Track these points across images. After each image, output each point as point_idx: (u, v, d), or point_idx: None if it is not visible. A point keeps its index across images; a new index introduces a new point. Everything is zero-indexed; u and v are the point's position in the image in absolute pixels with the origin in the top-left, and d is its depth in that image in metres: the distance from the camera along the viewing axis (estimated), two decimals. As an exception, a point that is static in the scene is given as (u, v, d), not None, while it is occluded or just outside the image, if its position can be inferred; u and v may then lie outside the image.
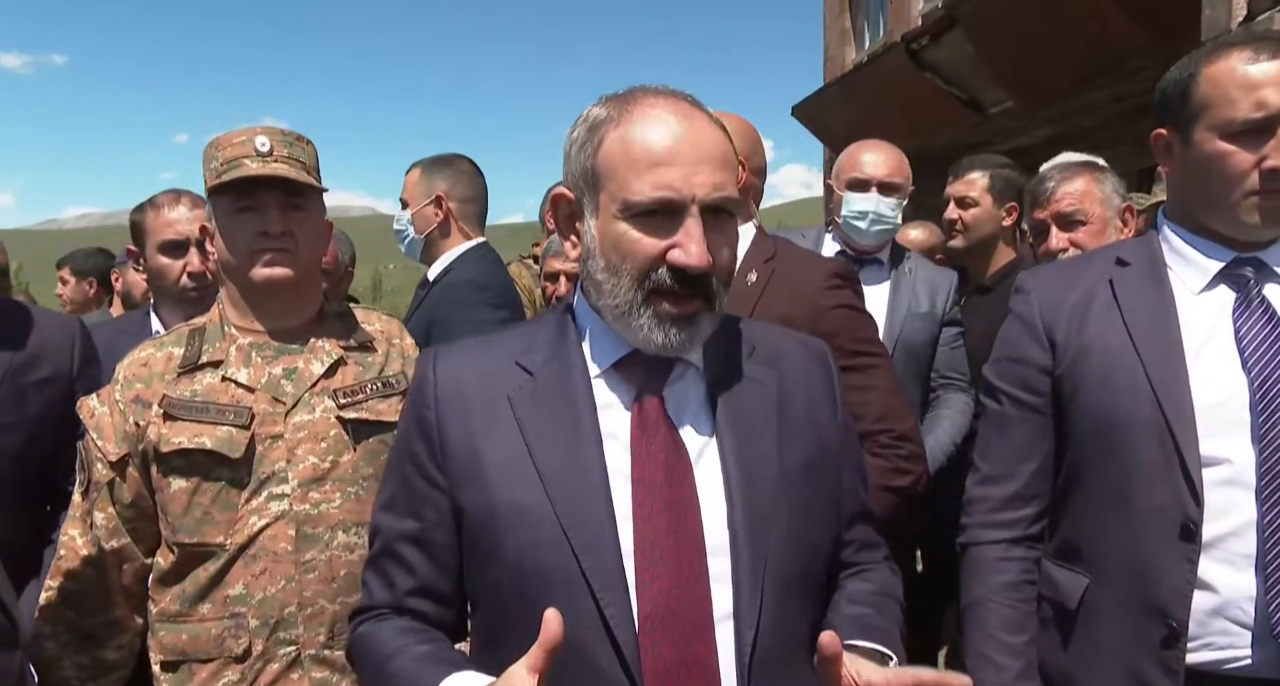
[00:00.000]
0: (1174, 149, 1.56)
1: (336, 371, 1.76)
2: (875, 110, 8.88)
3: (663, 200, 1.13)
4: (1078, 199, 2.53)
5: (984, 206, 3.19)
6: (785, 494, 1.19)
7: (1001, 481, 1.62)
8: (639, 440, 1.18)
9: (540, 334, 1.28)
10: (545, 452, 1.17)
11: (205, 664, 1.66)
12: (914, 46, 7.62)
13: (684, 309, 1.16)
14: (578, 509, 1.15)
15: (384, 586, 1.27)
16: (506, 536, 1.17)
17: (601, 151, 1.18)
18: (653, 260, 1.14)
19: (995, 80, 6.87)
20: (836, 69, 11.37)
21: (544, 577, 1.14)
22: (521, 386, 1.22)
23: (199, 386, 1.70)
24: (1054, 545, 1.60)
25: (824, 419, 1.30)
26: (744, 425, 1.21)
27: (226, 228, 1.73)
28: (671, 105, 1.18)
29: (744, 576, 1.14)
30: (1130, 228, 2.55)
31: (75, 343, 2.06)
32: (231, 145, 1.72)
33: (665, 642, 1.11)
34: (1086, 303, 1.56)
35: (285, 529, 1.67)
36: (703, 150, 1.15)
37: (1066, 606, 1.53)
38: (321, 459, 1.70)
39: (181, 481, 1.67)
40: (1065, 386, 1.55)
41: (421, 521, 1.24)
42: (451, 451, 1.22)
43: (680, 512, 1.15)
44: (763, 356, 1.29)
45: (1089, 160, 2.77)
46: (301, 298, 1.80)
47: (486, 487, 1.19)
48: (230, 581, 1.66)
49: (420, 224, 2.77)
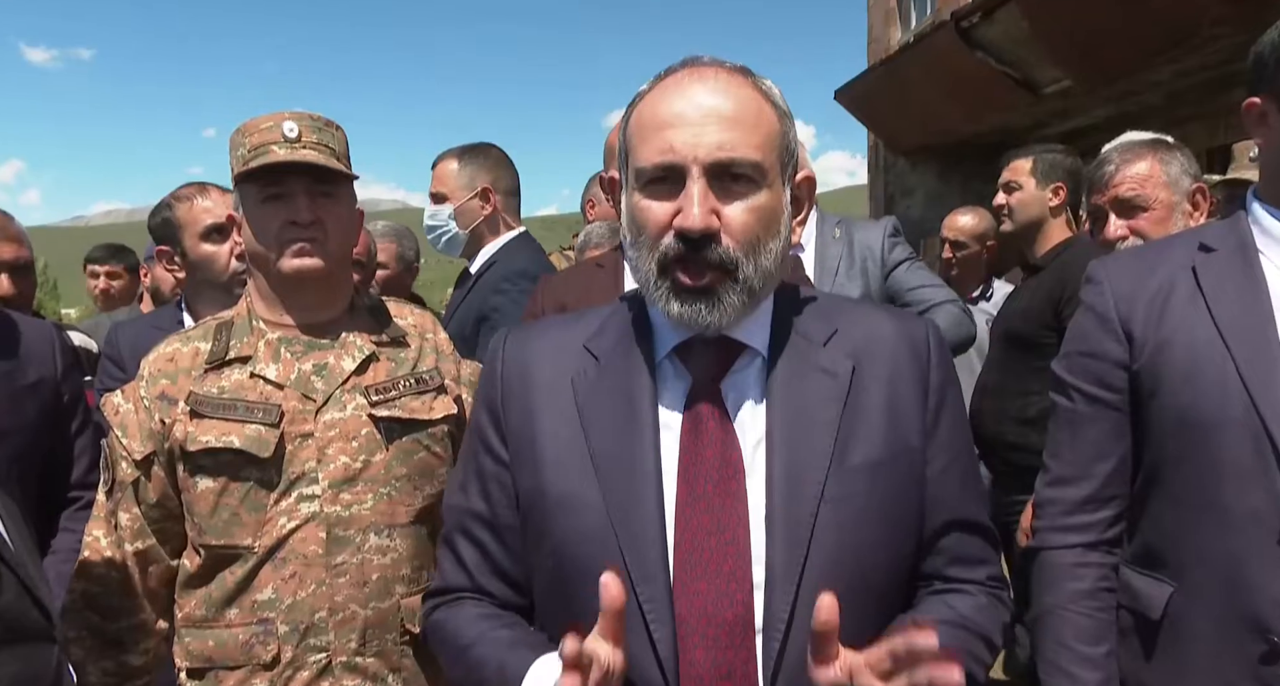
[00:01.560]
0: (1270, 119, 1.43)
1: (368, 367, 1.70)
2: (923, 93, 8.68)
3: (663, 165, 1.09)
4: (1139, 183, 2.39)
5: (1028, 189, 3.24)
6: (838, 498, 1.11)
7: (1075, 483, 1.52)
8: (689, 434, 1.14)
9: (614, 317, 1.25)
10: (600, 440, 1.15)
11: (232, 671, 1.61)
12: (964, 24, 7.40)
13: (697, 280, 1.10)
14: (625, 502, 1.11)
15: (456, 567, 1.26)
16: (553, 522, 1.15)
17: (629, 126, 1.16)
18: (661, 228, 1.10)
19: (1052, 57, 6.63)
20: (881, 50, 11.13)
21: (586, 569, 1.10)
22: (585, 371, 1.20)
23: (226, 383, 1.65)
24: (1133, 550, 1.50)
25: (907, 413, 1.18)
26: (800, 422, 1.14)
27: (253, 217, 1.67)
28: (696, 71, 1.13)
29: (777, 584, 1.08)
30: (1202, 212, 2.40)
31: (55, 346, 2.08)
32: (258, 131, 1.66)
33: (699, 648, 1.07)
34: (1166, 292, 1.45)
35: (316, 531, 1.61)
36: (708, 110, 1.09)
37: (1148, 616, 1.43)
38: (353, 458, 1.64)
39: (208, 481, 1.62)
40: (1144, 382, 1.45)
41: (490, 500, 1.23)
42: (512, 431, 1.22)
43: (724, 513, 1.10)
44: (843, 342, 1.20)
45: (1156, 138, 2.61)
46: (332, 290, 1.73)
47: (539, 471, 1.17)
48: (259, 585, 1.61)
49: (465, 218, 2.69)
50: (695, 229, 1.07)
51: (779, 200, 1.14)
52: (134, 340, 2.23)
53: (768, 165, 1.11)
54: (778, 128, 1.14)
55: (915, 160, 10.69)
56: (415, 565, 1.68)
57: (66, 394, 2.07)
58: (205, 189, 2.40)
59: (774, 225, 1.13)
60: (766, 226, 1.12)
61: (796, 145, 1.18)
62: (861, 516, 1.12)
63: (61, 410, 2.00)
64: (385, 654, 1.64)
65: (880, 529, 1.14)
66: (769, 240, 1.12)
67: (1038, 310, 2.95)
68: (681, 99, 1.10)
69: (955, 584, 1.22)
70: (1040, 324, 2.93)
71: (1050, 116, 7.84)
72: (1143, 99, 6.92)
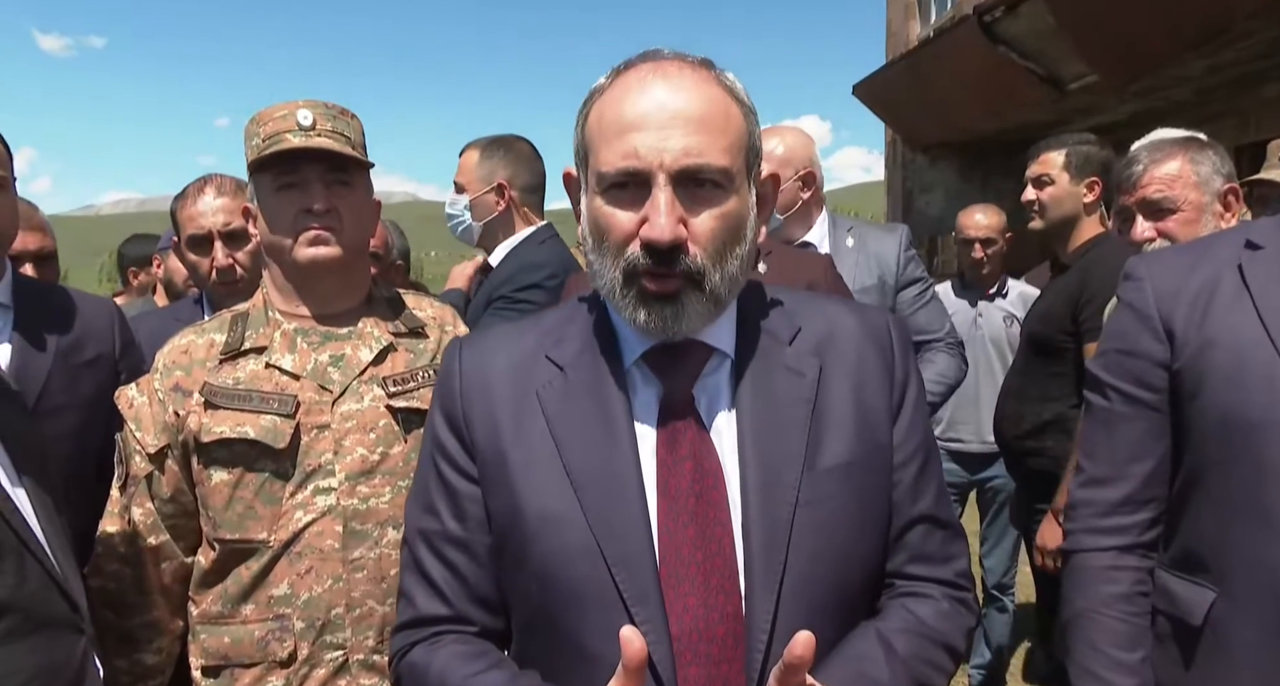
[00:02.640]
0: None
1: (386, 358, 1.67)
2: (943, 88, 8.60)
3: (627, 171, 1.03)
4: (1167, 184, 2.31)
5: (1061, 184, 3.08)
6: (812, 501, 1.08)
7: (1110, 484, 1.47)
8: (665, 446, 1.09)
9: (573, 323, 1.19)
10: (576, 454, 1.09)
11: (248, 669, 1.58)
12: (987, 18, 7.32)
13: (662, 287, 1.05)
14: (611, 517, 1.06)
15: (431, 595, 1.17)
16: (533, 544, 1.09)
17: (587, 124, 1.10)
18: (626, 236, 1.05)
19: (1078, 52, 6.54)
20: (900, 45, 11.05)
21: (574, 590, 1.06)
22: (551, 382, 1.14)
23: (241, 374, 1.62)
24: (1171, 554, 1.45)
25: (875, 408, 1.15)
26: (770, 425, 1.10)
27: (268, 206, 1.64)
28: (658, 67, 1.07)
29: (756, 592, 1.04)
30: (1234, 213, 2.32)
31: (115, 323, 2.09)
32: (273, 120, 1.63)
33: (692, 665, 1.03)
34: (1211, 290, 1.40)
35: (332, 525, 1.58)
36: (674, 112, 1.03)
37: (1188, 622, 1.38)
38: (370, 451, 1.61)
39: (223, 473, 1.59)
40: (1186, 382, 1.40)
41: (464, 521, 1.16)
42: (478, 449, 1.15)
43: (707, 525, 1.06)
44: (808, 340, 1.16)
45: (1188, 136, 2.53)
46: (348, 280, 1.71)
47: (513, 490, 1.11)
48: (274, 581, 1.58)
49: (479, 211, 2.68)
50: (664, 242, 1.02)
51: (745, 204, 1.10)
52: (154, 332, 2.22)
53: (735, 170, 1.07)
54: (744, 127, 1.09)
55: (935, 156, 10.61)
56: (433, 561, 1.66)
57: (125, 371, 2.07)
58: (203, 190, 2.35)
59: (740, 231, 1.09)
60: (734, 233, 1.08)
61: (760, 143, 1.13)
62: (837, 518, 1.09)
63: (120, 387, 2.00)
64: (403, 652, 1.62)
65: (855, 530, 1.11)
66: (735, 246, 1.08)
67: (1057, 313, 2.89)
68: (645, 98, 1.04)
69: (917, 582, 1.17)
70: (1058, 328, 2.87)
71: (1074, 113, 7.75)
72: (1171, 94, 6.82)
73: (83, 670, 1.27)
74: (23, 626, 1.19)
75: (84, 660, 1.28)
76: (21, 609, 1.19)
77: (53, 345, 1.94)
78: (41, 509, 1.32)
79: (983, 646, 4.04)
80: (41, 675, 1.20)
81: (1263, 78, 6.29)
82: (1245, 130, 7.03)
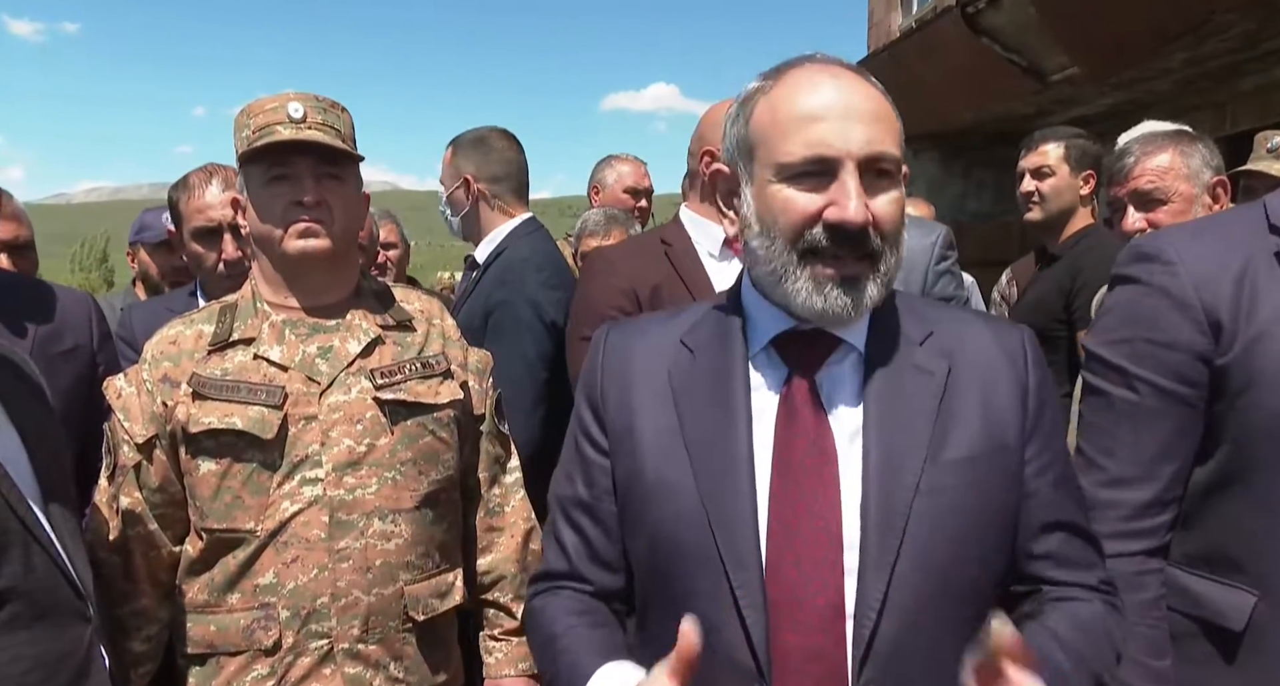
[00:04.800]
0: None
1: (374, 350, 1.68)
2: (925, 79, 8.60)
3: (815, 158, 1.10)
4: (1158, 175, 2.34)
5: (1061, 175, 3.14)
6: (933, 491, 1.12)
7: (1138, 484, 1.39)
8: (784, 422, 1.16)
9: (709, 313, 1.28)
10: (695, 428, 1.17)
11: (234, 657, 1.60)
12: (969, 9, 7.32)
13: (845, 270, 1.12)
14: (720, 485, 1.14)
15: (559, 554, 1.29)
16: (649, 508, 1.18)
17: (753, 119, 1.17)
18: (808, 218, 1.11)
19: (1060, 44, 6.54)
20: (882, 36, 11.05)
21: (681, 552, 1.14)
22: (681, 362, 1.23)
23: (229, 365, 1.63)
24: (1191, 553, 1.38)
25: (1004, 414, 1.18)
26: (896, 415, 1.15)
27: (258, 198, 1.65)
28: (820, 66, 1.16)
29: (869, 570, 1.09)
30: (1222, 204, 2.36)
31: (92, 315, 2.10)
32: (264, 112, 1.63)
33: (789, 632, 1.08)
34: (1254, 280, 1.32)
35: (319, 515, 1.59)
36: (854, 105, 1.12)
37: (1221, 625, 1.34)
38: (357, 442, 1.62)
39: (210, 464, 1.60)
40: (1232, 378, 1.32)
41: (592, 488, 1.26)
42: (610, 420, 1.25)
43: (816, 500, 1.12)
44: (938, 343, 1.21)
45: (1177, 129, 2.58)
46: (337, 272, 1.71)
47: (636, 458, 1.20)
48: (260, 570, 1.60)
49: (454, 207, 2.74)
50: (856, 222, 1.09)
51: (904, 194, 1.17)
52: (147, 321, 2.21)
53: (902, 160, 1.15)
54: (899, 125, 1.17)
55: (916, 148, 10.62)
56: (419, 551, 1.67)
57: (102, 363, 2.08)
58: (209, 181, 2.34)
59: (904, 217, 1.17)
60: (902, 219, 1.16)
61: None
62: (954, 509, 1.13)
63: (96, 379, 1.99)
64: (388, 641, 1.63)
65: (972, 523, 1.14)
66: (902, 232, 1.17)
67: (1049, 302, 2.93)
68: (820, 94, 1.12)
69: (1065, 587, 1.20)
70: (1050, 316, 2.90)
71: (1055, 104, 7.77)
72: (1151, 86, 6.84)
73: (89, 658, 1.28)
74: (28, 614, 1.20)
75: (90, 648, 1.29)
76: (27, 596, 1.20)
77: (30, 335, 1.94)
78: (55, 499, 1.32)
79: None
80: (47, 663, 1.21)
81: (1240, 71, 6.33)
82: (1223, 122, 7.09)
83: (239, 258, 2.29)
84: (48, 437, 1.39)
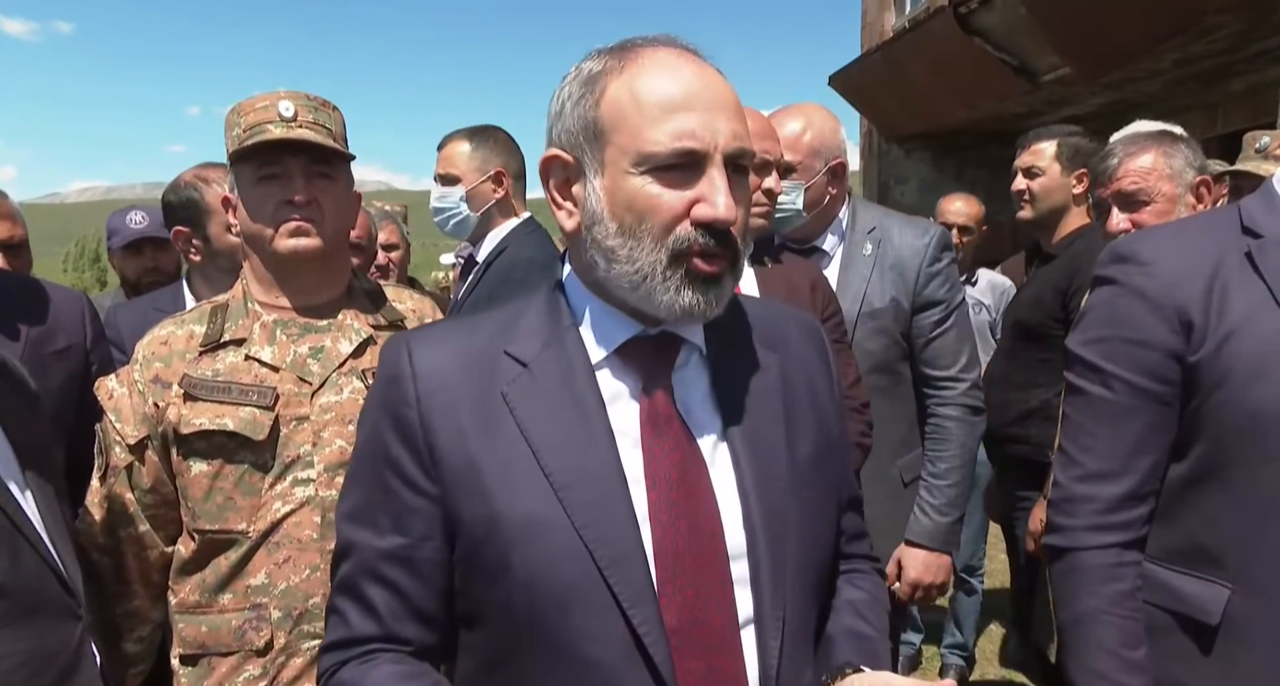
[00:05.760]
0: None
1: (365, 351, 1.68)
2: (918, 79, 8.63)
3: (685, 151, 1.01)
4: (1141, 176, 2.35)
5: (1052, 174, 3.14)
6: (797, 491, 1.11)
7: (1113, 478, 1.42)
8: (649, 437, 1.07)
9: (526, 318, 1.14)
10: (553, 456, 1.04)
11: (225, 657, 1.59)
12: (962, 10, 7.36)
13: (713, 267, 1.04)
14: (598, 518, 1.03)
15: (365, 614, 1.10)
16: (515, 551, 1.03)
17: (605, 102, 1.05)
18: (677, 217, 1.03)
19: (1051, 44, 6.59)
20: (876, 36, 11.07)
21: (562, 596, 1.02)
22: (516, 380, 1.08)
23: (221, 365, 1.62)
24: (1171, 548, 1.40)
25: (826, 405, 1.21)
26: (752, 417, 1.12)
27: (249, 197, 1.64)
28: (679, 52, 1.07)
29: (764, 581, 1.06)
30: (1206, 203, 2.37)
31: (85, 314, 2.10)
32: (254, 110, 1.63)
33: (692, 657, 1.02)
34: (1225, 280, 1.35)
35: (310, 516, 1.59)
36: (720, 97, 1.04)
37: (1201, 621, 1.35)
38: (349, 442, 1.62)
39: (202, 465, 1.60)
40: (1204, 376, 1.35)
41: (408, 536, 1.08)
42: (442, 456, 1.07)
43: (698, 516, 1.06)
44: (763, 336, 1.19)
45: (1162, 130, 2.59)
46: (328, 272, 1.71)
47: (488, 497, 1.05)
48: (252, 570, 1.59)
49: (476, 201, 2.65)
50: (728, 221, 1.02)
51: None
52: (134, 321, 2.21)
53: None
54: None
55: (909, 147, 10.67)
56: (411, 552, 1.67)
57: (95, 362, 2.08)
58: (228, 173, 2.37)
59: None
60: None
61: None
62: (815, 506, 1.14)
63: (89, 378, 1.99)
64: (380, 641, 1.63)
65: (826, 516, 1.17)
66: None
67: (1046, 301, 2.91)
68: (687, 82, 1.03)
69: (855, 560, 1.28)
70: (1048, 315, 2.89)
71: (1046, 104, 7.82)
72: (1141, 87, 6.89)
73: (78, 656, 1.27)
74: (15, 611, 1.19)
75: (80, 646, 1.28)
76: (14, 594, 1.20)
77: (24, 334, 1.94)
78: (42, 497, 1.32)
79: (953, 628, 4.11)
80: (34, 660, 1.20)
81: (1230, 72, 6.38)
82: (1213, 123, 7.13)
83: None
84: (34, 436, 1.38)
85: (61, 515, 1.37)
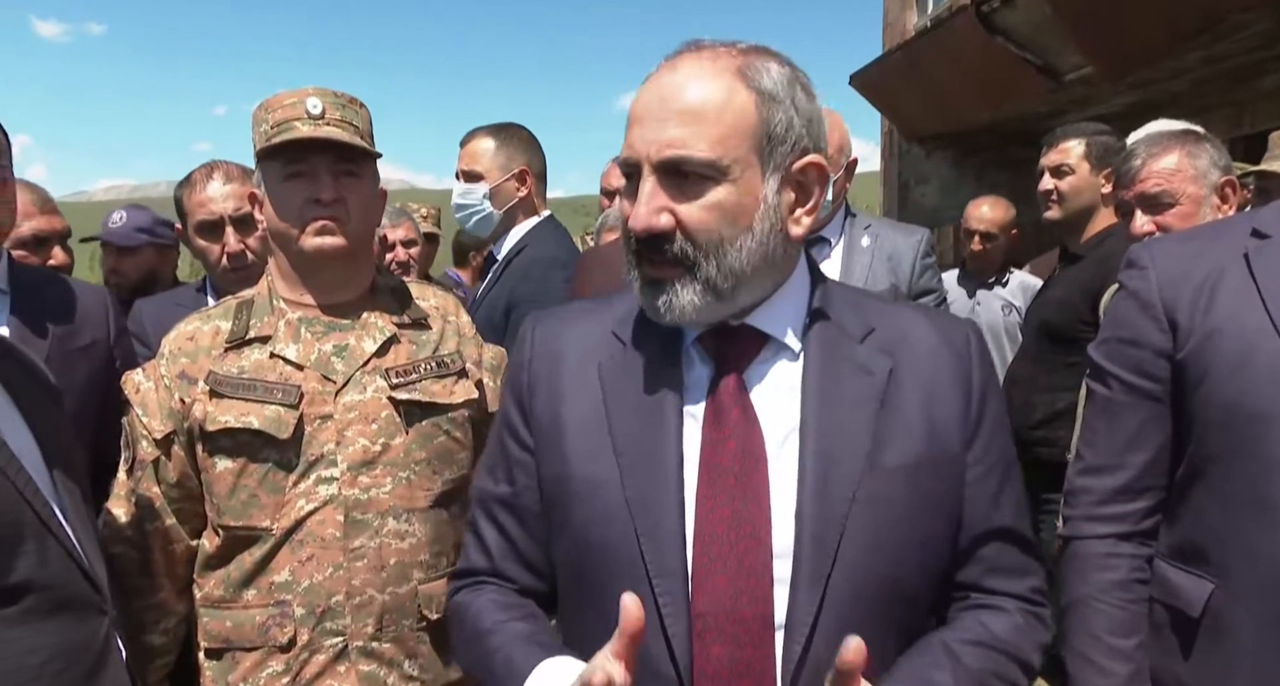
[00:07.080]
0: None
1: (389, 349, 1.68)
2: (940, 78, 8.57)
3: (625, 161, 1.10)
4: (1166, 178, 2.31)
5: (1081, 174, 3.07)
6: (872, 498, 1.07)
7: (1109, 472, 1.47)
8: (710, 422, 1.11)
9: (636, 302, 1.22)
10: (623, 425, 1.13)
11: (249, 652, 1.60)
12: (984, 8, 7.29)
13: (656, 272, 1.09)
14: (646, 490, 1.09)
15: (479, 551, 1.26)
16: (576, 508, 1.14)
17: None
18: (627, 223, 1.11)
19: (1075, 43, 6.51)
20: (897, 35, 11.01)
21: (606, 556, 1.10)
22: (613, 356, 1.18)
23: (246, 363, 1.63)
24: (1170, 544, 1.45)
25: (947, 416, 1.14)
26: (834, 417, 1.10)
27: (275, 194, 1.65)
28: (679, 58, 1.10)
29: (802, 583, 1.05)
30: (1231, 205, 2.33)
31: (109, 310, 2.13)
32: (282, 107, 1.63)
33: (716, 643, 1.04)
34: (1216, 279, 1.38)
35: (334, 514, 1.60)
36: (670, 103, 1.06)
37: (1186, 613, 1.38)
38: (372, 441, 1.62)
39: (227, 462, 1.60)
40: (1189, 373, 1.39)
41: (514, 485, 1.22)
42: (536, 416, 1.20)
43: (745, 506, 1.06)
44: (880, 340, 1.16)
45: (1185, 129, 2.54)
46: (353, 270, 1.71)
47: (563, 455, 1.16)
48: (276, 567, 1.60)
49: (500, 199, 2.66)
50: (636, 230, 1.07)
51: (750, 193, 1.07)
52: (157, 316, 2.24)
53: (728, 160, 1.05)
54: (754, 117, 1.06)
55: (930, 148, 10.59)
56: (434, 550, 1.67)
57: (119, 358, 2.10)
58: (211, 176, 2.36)
59: (742, 219, 1.07)
60: (731, 222, 1.07)
61: (793, 131, 1.09)
62: (895, 519, 1.08)
63: (113, 374, 2.01)
64: (402, 639, 1.63)
65: (914, 533, 1.10)
66: (737, 236, 1.07)
67: (1074, 303, 2.87)
68: (650, 91, 1.08)
69: (994, 596, 1.17)
70: (1076, 317, 2.85)
71: (1070, 104, 7.73)
72: (1166, 86, 6.80)
73: (106, 650, 1.28)
74: (43, 606, 1.21)
75: (107, 640, 1.29)
76: (42, 589, 1.21)
77: (50, 330, 1.97)
78: (68, 494, 1.33)
79: None
80: (62, 654, 1.21)
81: (1258, 70, 6.28)
82: (1240, 122, 7.04)
83: (241, 251, 2.32)
84: (60, 433, 1.40)
85: (86, 513, 1.38)
